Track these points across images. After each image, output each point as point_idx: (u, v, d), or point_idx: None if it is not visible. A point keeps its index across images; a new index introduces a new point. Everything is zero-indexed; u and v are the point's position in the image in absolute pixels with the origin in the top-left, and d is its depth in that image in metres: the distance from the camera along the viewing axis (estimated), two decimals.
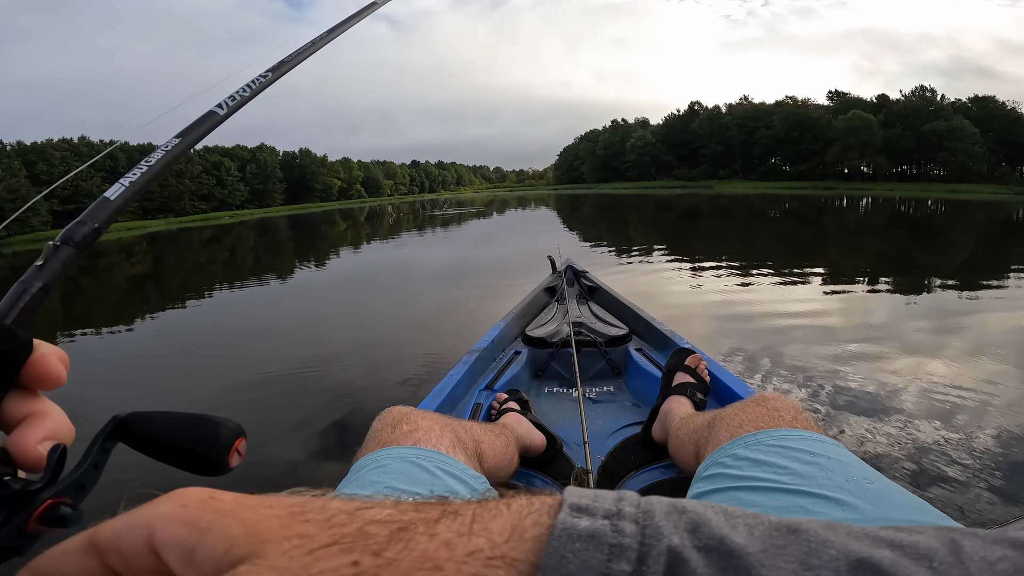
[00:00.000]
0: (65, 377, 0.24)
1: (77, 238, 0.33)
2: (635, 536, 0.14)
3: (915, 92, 48.01)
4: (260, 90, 0.50)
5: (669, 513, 0.15)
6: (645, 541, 0.14)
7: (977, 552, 0.14)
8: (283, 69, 0.53)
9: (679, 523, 0.15)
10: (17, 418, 0.23)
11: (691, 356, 1.18)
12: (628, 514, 0.15)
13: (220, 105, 0.47)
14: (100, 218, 0.34)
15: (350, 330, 3.95)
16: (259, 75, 0.51)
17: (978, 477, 1.55)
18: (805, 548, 0.14)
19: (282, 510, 0.16)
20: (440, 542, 0.15)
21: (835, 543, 0.14)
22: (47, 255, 0.31)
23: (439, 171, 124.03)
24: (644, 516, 0.15)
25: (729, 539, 0.14)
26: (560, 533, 0.14)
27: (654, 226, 13.23)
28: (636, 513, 0.15)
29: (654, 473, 0.99)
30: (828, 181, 48.13)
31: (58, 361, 0.23)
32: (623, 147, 69.64)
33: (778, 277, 5.02)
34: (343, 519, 0.16)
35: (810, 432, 0.58)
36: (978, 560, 0.14)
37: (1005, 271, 5.17)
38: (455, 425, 0.73)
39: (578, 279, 2.31)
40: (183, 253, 13.37)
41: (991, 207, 18.33)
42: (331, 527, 0.15)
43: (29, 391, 0.23)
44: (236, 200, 56.37)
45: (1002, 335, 2.96)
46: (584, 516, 0.15)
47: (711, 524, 0.15)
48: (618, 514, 0.15)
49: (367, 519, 0.16)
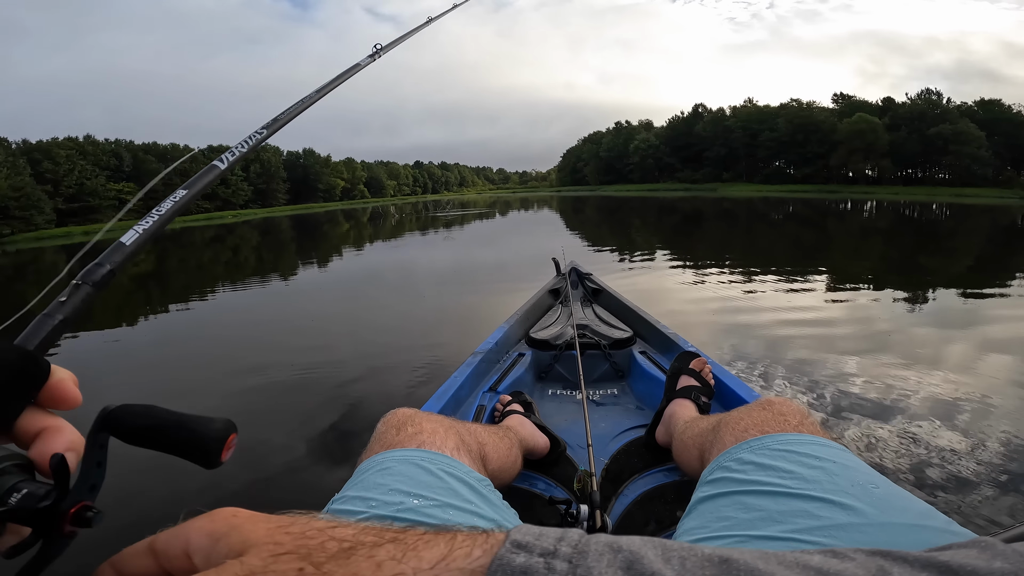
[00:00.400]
0: (80, 399, 0.27)
1: (95, 279, 0.37)
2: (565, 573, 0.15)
3: (921, 95, 47.84)
4: (256, 146, 0.59)
5: (602, 553, 0.16)
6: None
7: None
8: (275, 127, 0.62)
9: (613, 561, 0.16)
10: (32, 433, 0.25)
11: (696, 359, 1.18)
12: (563, 553, 0.16)
13: (221, 159, 0.53)
14: (116, 261, 0.39)
15: (353, 332, 3.95)
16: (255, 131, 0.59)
17: (982, 481, 1.54)
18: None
19: (274, 524, 0.20)
20: (372, 563, 0.17)
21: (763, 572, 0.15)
22: (69, 292, 0.35)
23: (442, 172, 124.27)
24: (578, 556, 0.16)
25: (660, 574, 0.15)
26: (496, 569, 0.16)
27: (657, 229, 13.21)
28: (571, 553, 0.16)
29: (657, 476, 0.99)
30: (832, 184, 47.95)
31: (74, 385, 0.26)
32: (626, 149, 69.58)
33: (782, 281, 5.00)
34: (313, 534, 0.19)
35: (816, 436, 0.58)
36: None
37: (1010, 276, 5.14)
38: (459, 427, 0.74)
39: (582, 281, 2.31)
40: (186, 252, 13.42)
41: (997, 211, 18.22)
42: (301, 539, 0.19)
43: (42, 409, 0.26)
44: (240, 200, 56.55)
45: (1007, 340, 2.94)
46: (522, 553, 0.16)
47: (644, 561, 0.15)
48: (554, 553, 0.16)
49: (329, 536, 0.19)
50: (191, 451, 0.25)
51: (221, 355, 3.64)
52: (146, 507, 1.57)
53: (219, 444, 0.25)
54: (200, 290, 6.69)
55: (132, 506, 1.55)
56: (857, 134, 45.98)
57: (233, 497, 1.67)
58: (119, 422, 0.25)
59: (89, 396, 0.26)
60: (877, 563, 0.15)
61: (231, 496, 1.68)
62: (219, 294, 6.25)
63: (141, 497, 1.61)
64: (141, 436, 0.25)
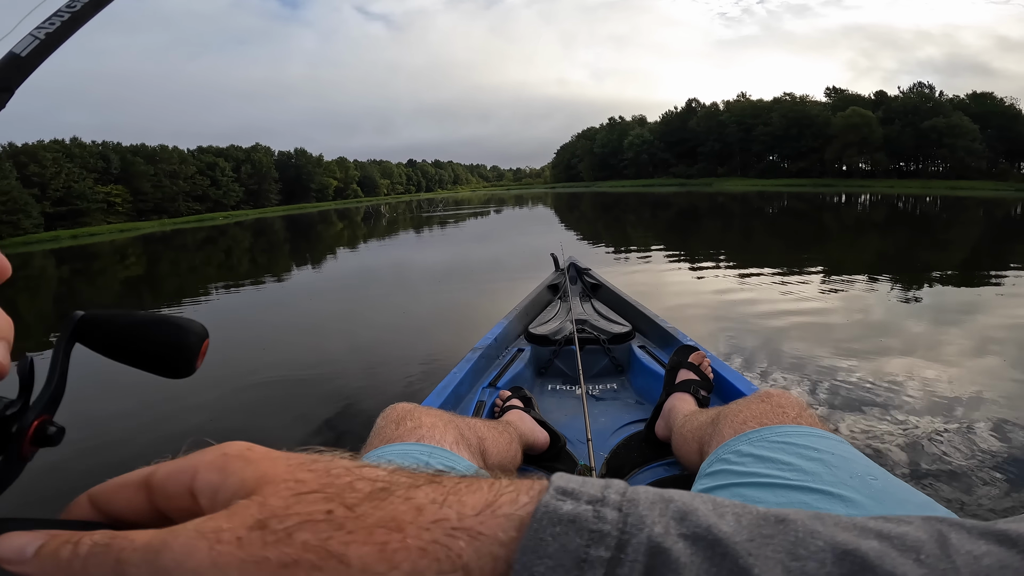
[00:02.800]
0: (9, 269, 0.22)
1: None
2: (616, 523, 0.14)
3: (913, 89, 48.04)
4: None
5: (655, 503, 0.15)
6: (626, 529, 0.14)
7: (963, 545, 0.14)
8: None
9: (665, 512, 0.15)
10: None
11: (695, 353, 1.18)
12: (612, 501, 0.15)
13: None
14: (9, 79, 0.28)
15: (348, 330, 3.94)
16: None
17: (980, 472, 1.55)
18: (793, 538, 0.14)
19: (295, 461, 0.18)
20: (411, 506, 0.15)
21: (822, 533, 0.14)
22: None
23: (436, 170, 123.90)
24: (628, 504, 0.15)
25: (716, 528, 0.14)
26: (542, 516, 0.15)
27: (652, 225, 13.22)
28: (620, 500, 0.15)
29: (657, 470, 0.99)
30: (827, 178, 48.13)
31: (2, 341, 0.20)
32: (620, 145, 69.59)
33: (778, 274, 5.02)
34: (340, 472, 0.17)
35: (815, 428, 0.58)
36: (964, 553, 0.14)
37: (1005, 267, 5.18)
38: (459, 422, 0.74)
39: (581, 277, 2.31)
40: (178, 255, 13.32)
41: (991, 203, 18.33)
42: (326, 478, 0.17)
43: None
44: (231, 201, 56.23)
45: (1002, 331, 2.97)
46: (568, 500, 0.15)
47: (698, 513, 0.15)
48: (602, 500, 0.15)
49: (359, 476, 0.17)
50: (169, 354, 0.22)
51: (216, 357, 3.62)
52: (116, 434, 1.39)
53: (199, 344, 0.23)
54: (193, 293, 6.63)
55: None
56: (851, 128, 46.14)
57: None
58: (96, 328, 0.22)
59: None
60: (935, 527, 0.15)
61: None
62: (212, 297, 6.20)
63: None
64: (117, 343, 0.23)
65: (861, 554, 0.14)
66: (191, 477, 0.18)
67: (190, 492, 0.18)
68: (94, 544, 0.16)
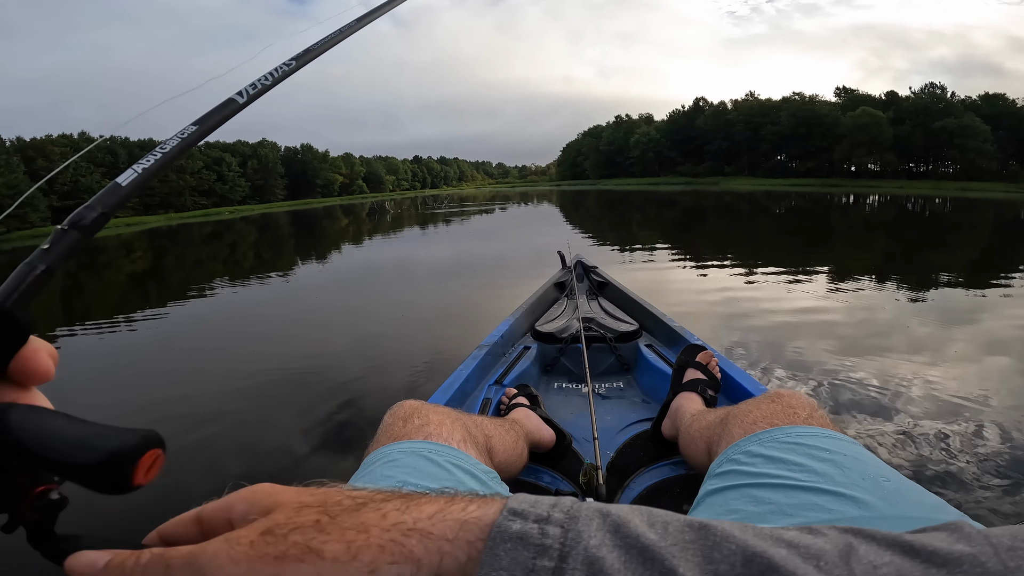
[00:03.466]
0: (53, 373, 0.24)
1: (85, 223, 0.32)
2: (558, 538, 0.17)
3: (925, 89, 47.46)
4: (282, 78, 0.49)
5: (592, 518, 0.17)
6: (567, 542, 0.17)
7: (867, 555, 0.16)
8: (307, 58, 0.52)
9: (601, 526, 0.17)
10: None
11: (702, 352, 1.17)
12: (556, 519, 0.17)
13: (240, 93, 0.45)
14: (109, 204, 0.33)
15: (353, 326, 3.95)
16: (282, 63, 0.50)
17: (985, 475, 1.54)
18: (710, 543, 0.16)
19: (303, 490, 0.24)
20: (379, 514, 0.20)
21: (737, 539, 0.16)
22: (54, 239, 0.30)
23: (441, 167, 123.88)
24: (569, 521, 0.17)
25: (644, 537, 0.17)
26: (495, 535, 0.17)
27: (659, 223, 13.16)
28: (563, 519, 0.17)
29: (664, 470, 0.99)
30: (836, 178, 47.69)
31: (48, 357, 0.24)
32: (627, 143, 69.22)
33: (784, 275, 4.99)
34: (332, 493, 0.23)
35: (826, 429, 0.58)
36: (865, 563, 0.15)
37: (1014, 270, 5.12)
38: (465, 419, 0.74)
39: (588, 274, 2.31)
40: (184, 249, 13.40)
41: (1002, 205, 18.12)
42: (321, 498, 0.22)
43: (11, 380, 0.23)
44: (237, 196, 56.37)
45: (1011, 333, 2.94)
46: (518, 520, 0.18)
47: (629, 525, 0.17)
48: (547, 519, 0.17)
49: (346, 495, 0.22)
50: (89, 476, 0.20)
51: (220, 351, 3.63)
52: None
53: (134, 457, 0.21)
54: (198, 287, 6.67)
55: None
56: (861, 128, 45.65)
57: None
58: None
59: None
60: (847, 540, 0.17)
61: None
62: (218, 291, 6.23)
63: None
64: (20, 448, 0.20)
65: (767, 558, 0.15)
66: (229, 509, 0.23)
67: (228, 521, 0.23)
68: (151, 555, 0.21)
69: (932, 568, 0.15)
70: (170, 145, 0.39)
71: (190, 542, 0.23)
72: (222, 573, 0.19)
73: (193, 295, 6.00)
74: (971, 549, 0.16)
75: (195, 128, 0.41)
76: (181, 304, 5.51)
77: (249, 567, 0.19)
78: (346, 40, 0.58)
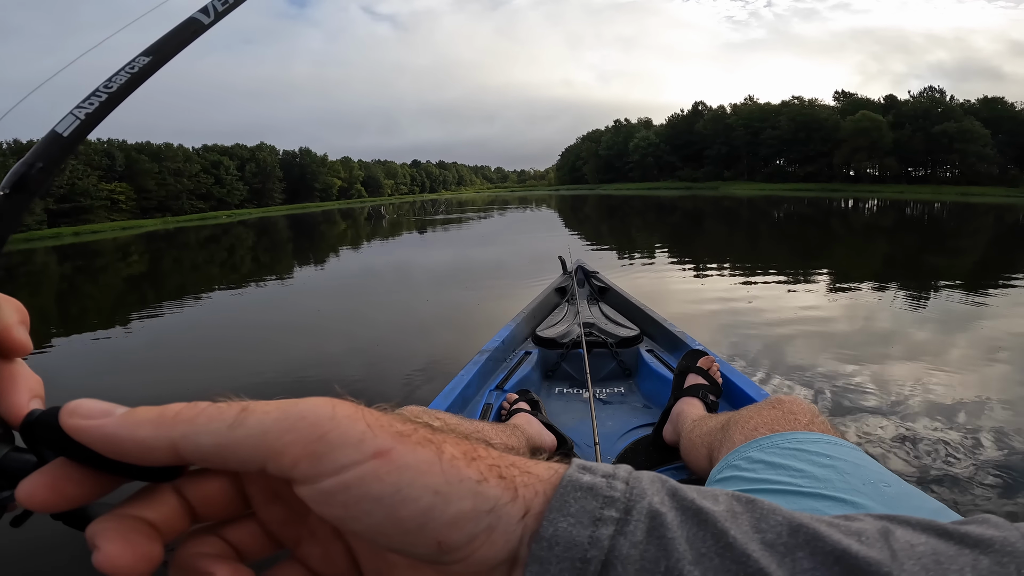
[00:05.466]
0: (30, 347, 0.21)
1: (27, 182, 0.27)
2: (624, 492, 0.18)
3: (924, 93, 47.63)
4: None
5: (653, 481, 0.19)
6: (632, 497, 0.18)
7: (904, 536, 0.17)
8: None
9: (661, 489, 0.19)
10: None
11: (703, 358, 1.18)
12: (621, 476, 0.19)
13: (205, 10, 0.38)
14: (51, 157, 0.29)
15: (352, 331, 3.94)
16: None
17: (984, 478, 1.54)
18: (757, 515, 0.18)
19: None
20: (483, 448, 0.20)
21: (783, 512, 0.18)
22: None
23: (440, 171, 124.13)
24: (633, 479, 0.19)
25: (699, 502, 0.18)
26: (566, 484, 0.18)
27: (658, 228, 13.18)
28: (627, 476, 0.19)
29: (665, 475, 0.99)
30: (835, 183, 47.75)
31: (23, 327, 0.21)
32: (626, 147, 69.42)
33: (784, 280, 5.00)
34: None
35: (827, 435, 0.58)
36: (903, 542, 0.17)
37: (1014, 274, 5.12)
38: (466, 425, 0.74)
39: (589, 280, 2.31)
40: (181, 253, 13.37)
41: (1002, 210, 18.14)
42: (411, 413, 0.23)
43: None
44: (235, 199, 56.24)
45: (1010, 338, 2.94)
46: (587, 473, 0.19)
47: (685, 491, 0.19)
48: (613, 475, 0.19)
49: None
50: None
51: (217, 356, 3.62)
52: None
53: None
54: (195, 291, 6.63)
55: None
56: (861, 132, 45.76)
57: None
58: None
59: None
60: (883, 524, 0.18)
61: None
62: (215, 295, 6.20)
63: None
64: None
65: (813, 528, 0.17)
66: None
67: None
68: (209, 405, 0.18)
69: (966, 548, 0.17)
70: (117, 83, 0.32)
71: None
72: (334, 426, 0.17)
73: (189, 299, 5.99)
74: (1001, 533, 0.17)
75: (147, 59, 0.34)
76: (177, 309, 5.49)
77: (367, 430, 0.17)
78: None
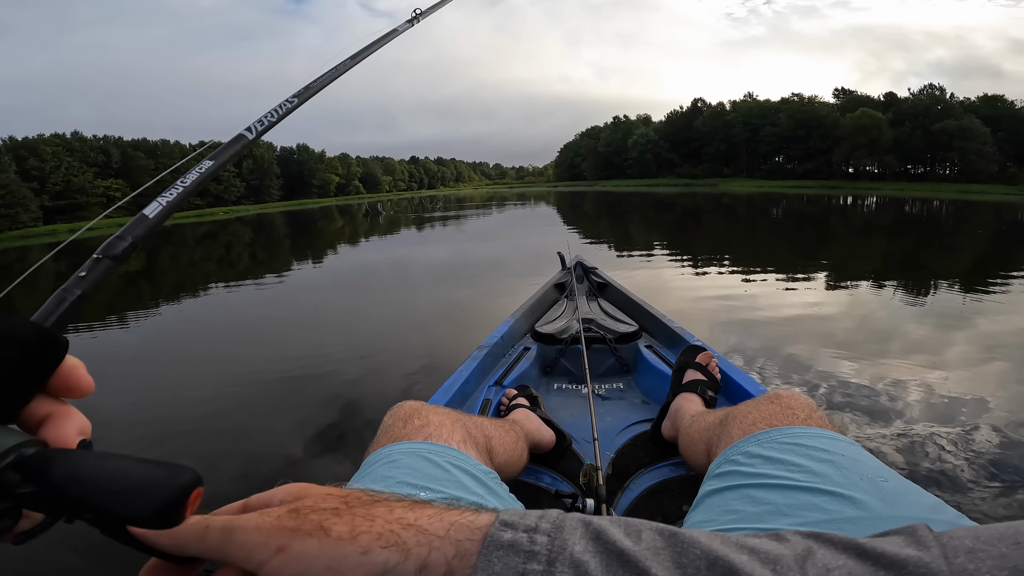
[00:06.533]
0: (93, 387, 0.25)
1: (116, 252, 0.35)
2: (546, 545, 0.19)
3: (923, 90, 47.54)
4: (286, 114, 0.55)
5: (575, 528, 0.20)
6: (554, 548, 0.19)
7: (823, 559, 0.18)
8: (307, 95, 0.59)
9: (584, 535, 0.19)
10: (39, 417, 0.24)
11: (702, 353, 1.18)
12: (543, 529, 0.20)
13: (249, 129, 0.50)
14: (137, 234, 0.37)
15: (351, 327, 3.95)
16: (286, 99, 0.56)
17: (982, 476, 1.54)
18: (678, 549, 0.19)
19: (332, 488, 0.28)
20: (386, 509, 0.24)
21: (702, 545, 0.18)
22: (89, 266, 0.34)
23: (438, 167, 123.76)
24: (555, 530, 0.19)
25: (621, 543, 0.19)
26: (489, 543, 0.19)
27: (657, 225, 13.18)
28: (550, 528, 0.20)
29: (663, 471, 0.99)
30: (835, 180, 47.70)
31: (85, 371, 0.25)
32: (625, 144, 69.14)
33: (783, 277, 5.00)
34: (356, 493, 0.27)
35: (825, 430, 0.58)
36: (819, 567, 0.17)
37: (1013, 272, 5.13)
38: (466, 420, 0.74)
39: (588, 276, 2.31)
40: (178, 250, 13.31)
41: (1001, 207, 18.16)
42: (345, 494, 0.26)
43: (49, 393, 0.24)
44: (232, 196, 55.82)
45: (1008, 336, 2.95)
46: (508, 530, 0.20)
47: (608, 533, 0.19)
48: (535, 529, 0.20)
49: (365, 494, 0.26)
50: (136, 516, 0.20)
51: (215, 353, 3.61)
52: None
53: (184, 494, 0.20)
54: (192, 288, 6.62)
55: None
56: (861, 129, 45.65)
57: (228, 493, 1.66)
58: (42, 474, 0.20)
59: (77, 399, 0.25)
60: (807, 544, 0.18)
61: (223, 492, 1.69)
62: (212, 292, 6.19)
63: None
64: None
65: (728, 562, 0.17)
66: (271, 498, 0.27)
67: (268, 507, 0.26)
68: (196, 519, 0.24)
69: (880, 570, 0.17)
70: (190, 179, 0.43)
71: None
72: (246, 536, 0.22)
73: (186, 296, 5.98)
74: (919, 553, 0.17)
75: (211, 163, 0.46)
76: (174, 305, 5.48)
77: (268, 534, 0.22)
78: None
